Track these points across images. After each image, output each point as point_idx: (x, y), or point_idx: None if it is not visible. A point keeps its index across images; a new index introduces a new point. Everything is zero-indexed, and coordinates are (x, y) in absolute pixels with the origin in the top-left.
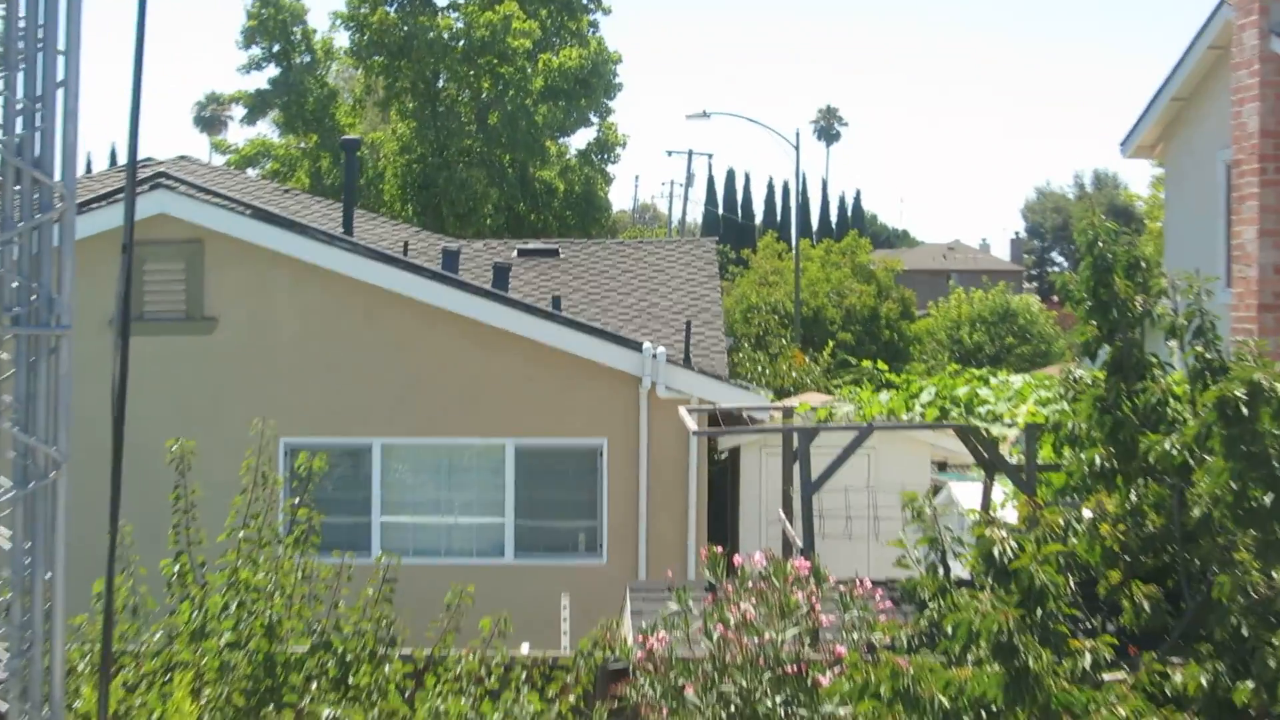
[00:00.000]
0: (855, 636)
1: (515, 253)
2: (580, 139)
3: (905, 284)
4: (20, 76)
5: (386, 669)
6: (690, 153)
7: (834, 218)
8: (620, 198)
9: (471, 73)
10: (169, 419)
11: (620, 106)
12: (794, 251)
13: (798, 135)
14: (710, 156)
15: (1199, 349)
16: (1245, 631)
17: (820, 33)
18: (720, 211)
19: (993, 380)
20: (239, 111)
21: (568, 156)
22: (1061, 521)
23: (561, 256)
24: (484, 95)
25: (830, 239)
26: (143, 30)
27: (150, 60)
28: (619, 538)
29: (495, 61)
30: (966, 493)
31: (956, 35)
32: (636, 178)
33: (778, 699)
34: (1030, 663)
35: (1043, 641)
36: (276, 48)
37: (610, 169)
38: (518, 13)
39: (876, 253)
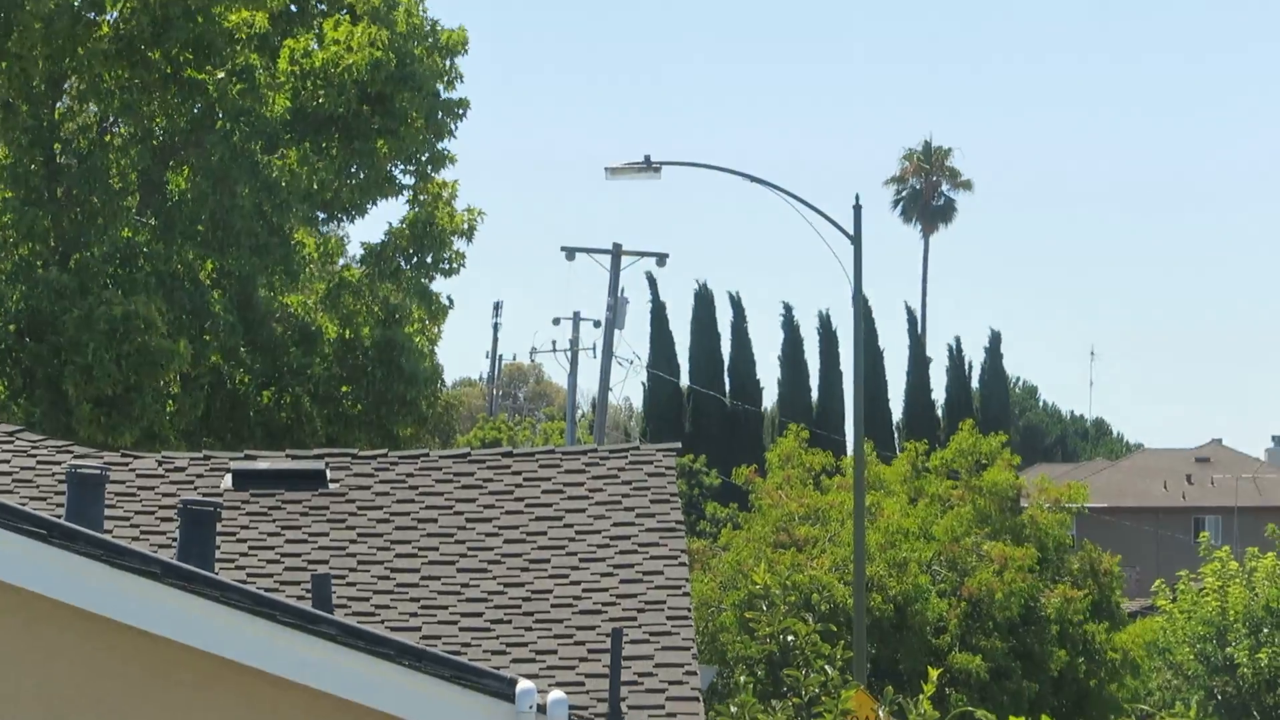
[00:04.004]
0: None
1: (228, 478)
2: (371, 227)
3: (1100, 538)
4: None
5: None
6: (616, 251)
7: (939, 391)
8: (465, 356)
9: (132, 78)
10: None
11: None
12: (855, 470)
13: (857, 210)
14: (661, 260)
15: None
16: None
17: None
18: (686, 381)
19: None
20: None
21: (343, 263)
22: None
23: (333, 484)
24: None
25: (926, 438)
26: None
27: None
28: None
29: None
30: None
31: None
32: (496, 313)
33: None
34: None
35: None
36: None
37: (439, 285)
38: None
39: (1035, 469)
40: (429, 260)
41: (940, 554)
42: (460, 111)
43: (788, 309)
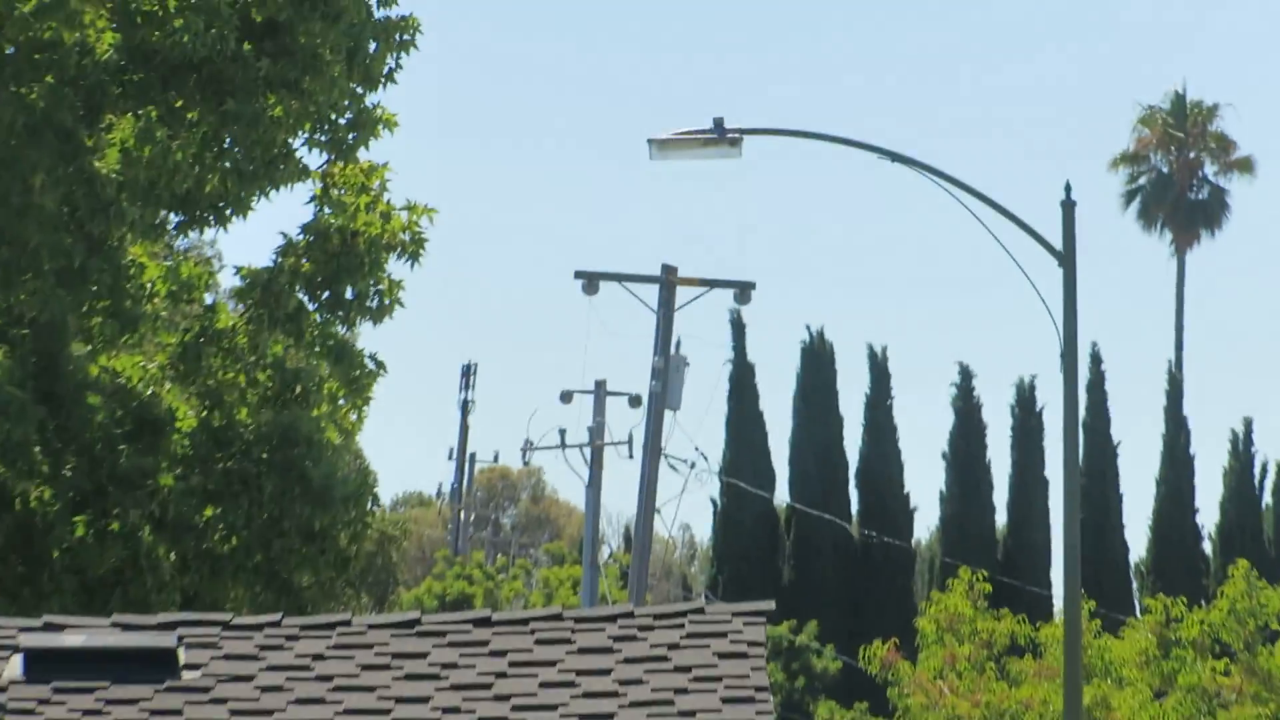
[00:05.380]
0: None
1: (17, 661)
2: (255, 240)
3: None
4: None
5: None
6: (666, 280)
7: (1208, 507)
8: (413, 457)
9: None
10: None
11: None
12: (1066, 646)
13: (1068, 209)
14: (744, 292)
15: None
16: None
17: None
18: (785, 497)
19: None
20: None
21: (211, 301)
22: None
23: (190, 672)
24: None
25: (1186, 590)
26: None
27: None
28: None
29: None
30: None
31: None
32: (465, 384)
33: None
34: None
35: None
36: None
37: (366, 338)
38: None
39: None
40: (348, 295)
41: None
42: (406, 38)
43: (964, 374)
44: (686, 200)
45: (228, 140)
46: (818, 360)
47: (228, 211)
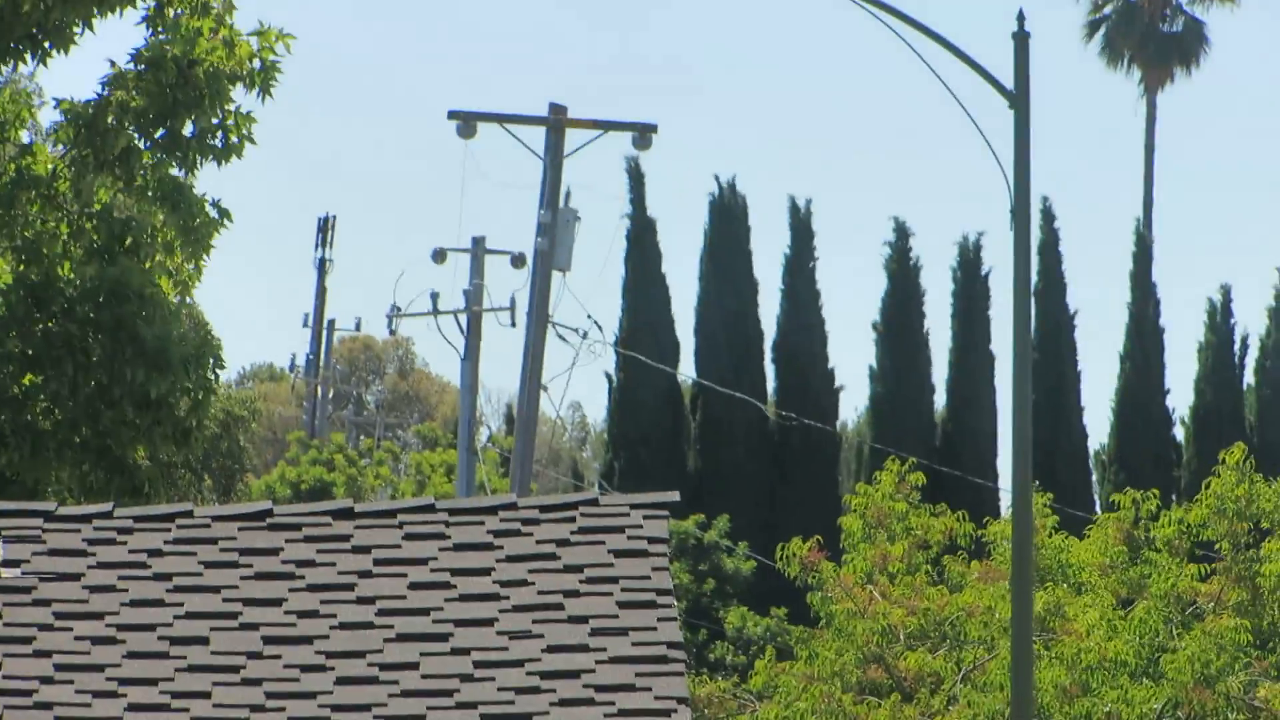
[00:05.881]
0: None
1: None
2: (80, 71)
3: None
4: None
5: None
6: (555, 121)
7: (1181, 388)
8: (262, 323)
9: None
10: None
11: None
12: (1014, 546)
13: (1020, 41)
14: (643, 136)
15: None
16: None
17: None
18: (691, 373)
19: None
20: None
21: (29, 140)
22: None
23: (8, 569)
24: None
25: (1159, 482)
26: None
27: None
28: None
29: None
30: None
31: None
32: (322, 241)
33: None
34: None
35: None
36: None
37: (207, 180)
38: None
39: None
40: (188, 132)
41: (1177, 705)
42: None
43: (900, 232)
44: (579, 33)
45: None
46: (729, 215)
47: (46, 44)
